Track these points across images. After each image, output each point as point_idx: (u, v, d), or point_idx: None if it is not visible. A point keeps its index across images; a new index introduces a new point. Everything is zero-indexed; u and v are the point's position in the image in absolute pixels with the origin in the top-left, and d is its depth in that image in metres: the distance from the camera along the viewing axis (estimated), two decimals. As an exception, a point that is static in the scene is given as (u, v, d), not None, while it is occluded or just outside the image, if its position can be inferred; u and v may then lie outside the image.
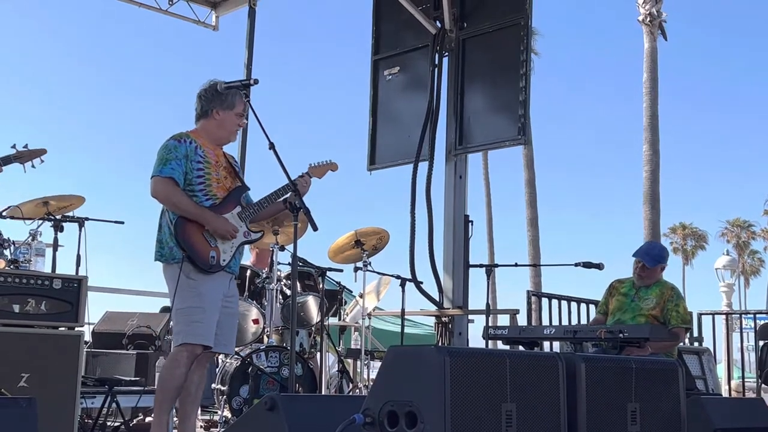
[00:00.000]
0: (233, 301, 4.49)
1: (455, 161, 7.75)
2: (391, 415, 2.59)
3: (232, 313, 4.49)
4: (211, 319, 4.23)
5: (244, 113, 4.50)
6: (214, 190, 4.36)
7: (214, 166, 4.39)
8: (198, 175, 4.32)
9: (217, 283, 4.29)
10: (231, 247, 4.34)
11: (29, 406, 2.60)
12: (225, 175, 4.44)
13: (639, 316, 5.68)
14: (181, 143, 4.31)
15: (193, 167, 4.30)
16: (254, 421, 3.05)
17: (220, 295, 4.30)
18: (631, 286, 5.89)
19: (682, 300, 5.75)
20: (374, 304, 8.04)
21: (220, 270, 4.28)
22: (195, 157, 4.30)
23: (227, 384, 5.76)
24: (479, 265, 6.59)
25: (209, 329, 4.21)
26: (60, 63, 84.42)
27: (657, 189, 22.27)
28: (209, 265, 4.23)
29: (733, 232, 59.89)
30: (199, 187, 4.31)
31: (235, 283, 4.54)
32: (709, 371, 8.00)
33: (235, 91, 4.43)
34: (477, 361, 2.60)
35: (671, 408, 3.32)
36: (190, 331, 4.19)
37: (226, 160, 4.51)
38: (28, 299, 4.59)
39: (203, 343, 4.21)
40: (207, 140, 4.43)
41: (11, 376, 4.29)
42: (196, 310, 4.20)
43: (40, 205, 5.66)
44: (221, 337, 4.35)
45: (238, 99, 4.44)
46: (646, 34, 23.31)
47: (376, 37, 8.45)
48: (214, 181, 4.36)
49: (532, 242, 27.60)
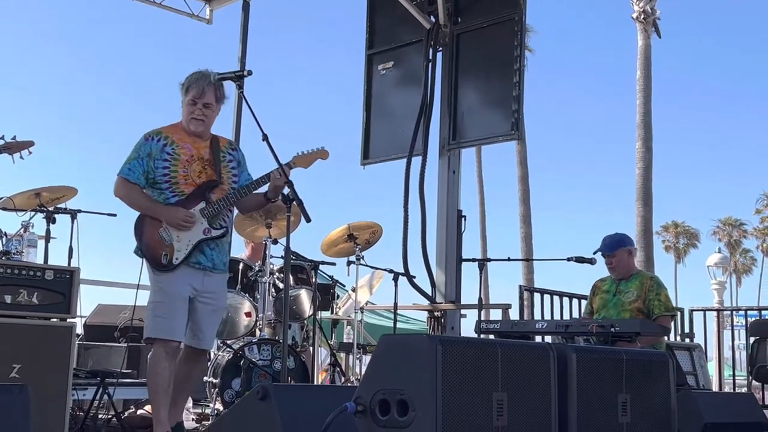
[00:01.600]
0: (213, 297, 4.43)
1: (449, 156, 7.75)
2: (382, 403, 2.59)
3: (212, 309, 4.44)
4: (174, 315, 4.25)
5: (197, 101, 4.32)
6: (182, 186, 4.32)
7: (185, 162, 4.33)
8: (164, 173, 4.31)
9: (179, 278, 4.28)
10: (187, 245, 4.28)
11: (21, 392, 2.60)
12: (200, 170, 4.36)
13: (623, 312, 5.73)
14: (147, 141, 4.33)
15: (158, 165, 4.29)
16: (246, 411, 3.06)
17: (185, 291, 4.29)
18: (611, 283, 5.96)
19: (663, 288, 5.79)
20: (367, 298, 8.04)
21: (174, 268, 4.27)
22: (161, 155, 4.29)
23: (219, 377, 5.75)
24: (472, 260, 6.60)
25: (171, 324, 4.24)
26: (52, 56, 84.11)
27: (650, 186, 22.30)
28: (160, 264, 4.27)
29: (725, 231, 60.10)
30: (165, 185, 4.32)
31: (216, 278, 4.44)
32: (700, 367, 8.04)
33: (194, 78, 4.35)
34: (469, 351, 2.61)
35: (661, 400, 3.34)
36: (153, 326, 4.27)
37: (210, 151, 4.41)
38: (20, 290, 4.56)
39: (163, 338, 4.24)
40: (185, 133, 4.39)
41: (2, 367, 4.27)
42: (159, 305, 4.28)
43: (32, 197, 5.64)
44: (197, 332, 4.37)
45: (192, 85, 4.34)
46: (640, 31, 23.33)
47: (371, 32, 8.46)
48: (181, 177, 4.32)
49: (525, 239, 27.64)
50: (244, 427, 3.06)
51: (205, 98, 4.34)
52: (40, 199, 5.63)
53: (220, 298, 4.54)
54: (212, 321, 4.49)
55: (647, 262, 21.59)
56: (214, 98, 4.37)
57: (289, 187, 4.36)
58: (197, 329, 4.38)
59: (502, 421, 2.65)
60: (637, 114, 22.73)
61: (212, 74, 4.36)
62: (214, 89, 4.36)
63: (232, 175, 4.48)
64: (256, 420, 2.97)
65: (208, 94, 4.34)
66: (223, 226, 4.41)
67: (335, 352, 7.18)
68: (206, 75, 4.36)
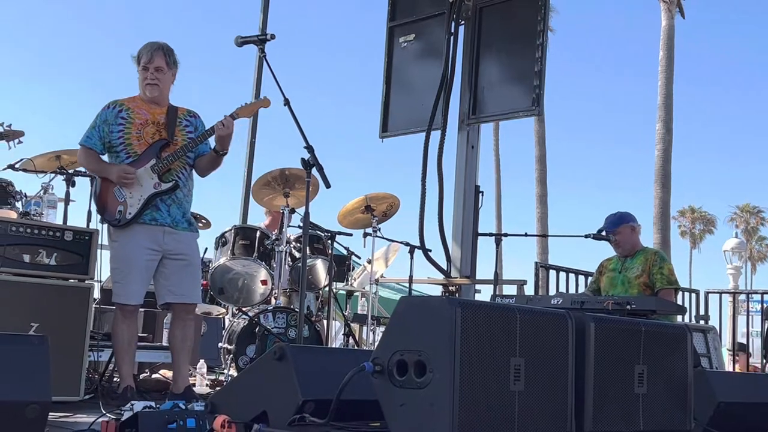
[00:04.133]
0: (183, 255, 4.57)
1: (468, 131, 7.72)
2: (400, 363, 2.60)
3: (183, 265, 4.57)
4: (127, 278, 4.47)
5: (149, 66, 4.53)
6: (135, 147, 4.52)
7: (138, 125, 4.53)
8: (118, 136, 4.51)
9: (136, 238, 4.46)
10: (139, 200, 4.45)
11: (41, 343, 2.62)
12: (153, 132, 4.54)
13: (630, 288, 5.74)
14: (104, 110, 4.56)
15: (112, 130, 4.51)
16: (263, 370, 3.07)
17: (141, 251, 4.46)
18: (617, 261, 5.98)
19: (666, 263, 5.80)
20: (382, 271, 8.04)
21: (129, 223, 4.44)
22: (116, 120, 4.53)
23: (234, 343, 5.78)
24: (489, 234, 6.61)
25: (126, 288, 4.47)
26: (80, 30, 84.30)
27: (669, 168, 22.17)
28: (116, 219, 4.46)
29: (742, 218, 59.71)
30: (119, 147, 4.52)
31: (182, 236, 4.59)
32: (714, 350, 7.97)
33: (144, 48, 4.56)
34: (488, 314, 2.61)
35: (678, 372, 3.32)
36: (114, 292, 4.53)
37: (166, 117, 4.58)
38: (39, 250, 4.60)
39: (119, 302, 4.48)
40: (142, 102, 4.60)
41: (21, 326, 4.32)
42: (115, 271, 4.54)
43: (52, 159, 5.65)
44: (174, 287, 4.54)
45: (142, 52, 4.55)
46: (664, 11, 23.11)
47: (393, 4, 8.39)
48: (134, 138, 4.52)
49: (541, 219, 27.56)
50: (261, 387, 3.07)
51: (155, 62, 4.55)
52: (60, 162, 5.65)
53: (189, 254, 4.65)
54: (188, 274, 4.61)
55: (664, 244, 21.52)
56: (164, 62, 4.58)
57: (309, 153, 4.38)
58: (172, 285, 4.54)
59: (519, 386, 2.65)
60: (659, 95, 22.57)
61: (236, 38, 4.42)
62: (164, 54, 4.56)
63: (189, 140, 4.61)
64: (273, 380, 2.98)
65: (157, 58, 4.55)
66: (173, 180, 4.54)
67: (349, 322, 7.19)
68: (156, 43, 4.60)
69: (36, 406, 2.71)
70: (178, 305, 4.60)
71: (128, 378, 4.51)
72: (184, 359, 4.62)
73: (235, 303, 6.39)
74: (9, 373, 2.68)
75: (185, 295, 4.59)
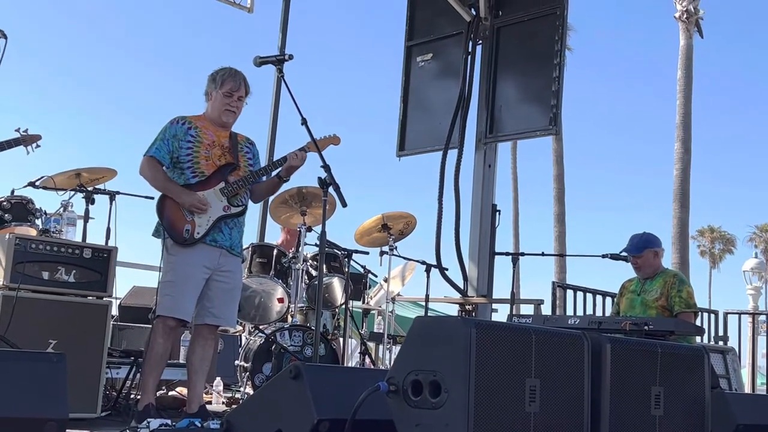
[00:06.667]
0: (229, 276, 4.56)
1: (485, 150, 7.74)
2: (415, 384, 2.60)
3: (228, 288, 4.56)
4: (181, 293, 4.39)
5: (234, 93, 4.57)
6: (203, 167, 4.50)
7: (207, 145, 4.53)
8: (186, 153, 4.49)
9: (196, 257, 4.42)
10: (207, 221, 4.44)
11: (59, 360, 2.65)
12: (219, 154, 4.55)
13: (648, 310, 5.70)
14: (172, 125, 4.53)
15: (182, 146, 4.49)
16: (278, 388, 3.07)
17: (199, 269, 4.43)
18: (638, 283, 5.93)
19: (685, 285, 5.74)
20: (399, 289, 8.04)
21: (195, 242, 4.41)
22: (185, 137, 4.50)
23: (250, 361, 5.80)
24: (505, 253, 6.58)
25: (178, 303, 4.38)
26: (97, 44, 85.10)
27: (687, 188, 22.04)
28: (183, 238, 4.40)
29: (761, 237, 59.11)
30: (187, 165, 4.49)
31: (233, 260, 4.58)
32: (734, 371, 7.90)
33: (226, 72, 4.59)
34: (503, 335, 2.60)
35: (696, 394, 3.30)
36: (162, 304, 4.42)
37: (230, 141, 4.61)
38: (58, 267, 4.65)
39: (170, 315, 4.38)
40: (209, 123, 4.60)
41: (39, 342, 4.33)
42: (168, 284, 4.43)
43: (72, 177, 5.70)
44: (214, 310, 4.50)
45: (228, 79, 4.57)
46: (682, 31, 23.04)
47: (410, 23, 8.45)
48: (202, 158, 4.50)
49: (559, 238, 27.41)
50: (276, 406, 3.07)
51: (241, 91, 4.59)
52: (80, 179, 5.70)
53: (236, 279, 4.67)
54: (231, 299, 4.61)
55: (683, 264, 21.35)
56: (245, 92, 4.63)
57: (326, 171, 4.42)
58: (215, 308, 4.50)
59: (534, 407, 2.64)
60: (677, 114, 22.47)
61: (255, 58, 4.48)
62: (245, 84, 4.62)
63: (249, 165, 4.67)
64: (288, 398, 2.98)
65: (243, 88, 4.60)
66: (242, 205, 4.58)
67: (365, 341, 7.19)
68: (240, 72, 4.63)
69: (54, 423, 2.72)
70: (205, 326, 4.57)
71: (151, 394, 4.45)
72: (200, 379, 4.59)
73: (251, 321, 6.40)
74: (27, 390, 2.71)
75: (225, 319, 4.60)
